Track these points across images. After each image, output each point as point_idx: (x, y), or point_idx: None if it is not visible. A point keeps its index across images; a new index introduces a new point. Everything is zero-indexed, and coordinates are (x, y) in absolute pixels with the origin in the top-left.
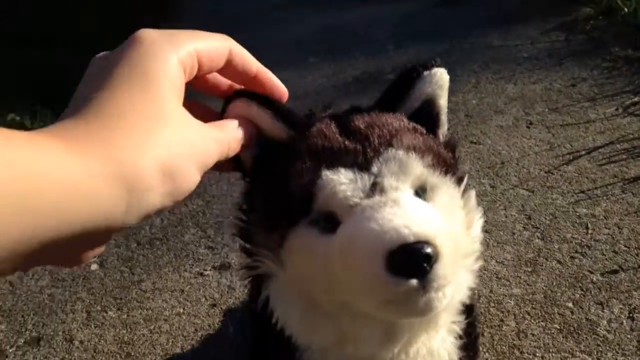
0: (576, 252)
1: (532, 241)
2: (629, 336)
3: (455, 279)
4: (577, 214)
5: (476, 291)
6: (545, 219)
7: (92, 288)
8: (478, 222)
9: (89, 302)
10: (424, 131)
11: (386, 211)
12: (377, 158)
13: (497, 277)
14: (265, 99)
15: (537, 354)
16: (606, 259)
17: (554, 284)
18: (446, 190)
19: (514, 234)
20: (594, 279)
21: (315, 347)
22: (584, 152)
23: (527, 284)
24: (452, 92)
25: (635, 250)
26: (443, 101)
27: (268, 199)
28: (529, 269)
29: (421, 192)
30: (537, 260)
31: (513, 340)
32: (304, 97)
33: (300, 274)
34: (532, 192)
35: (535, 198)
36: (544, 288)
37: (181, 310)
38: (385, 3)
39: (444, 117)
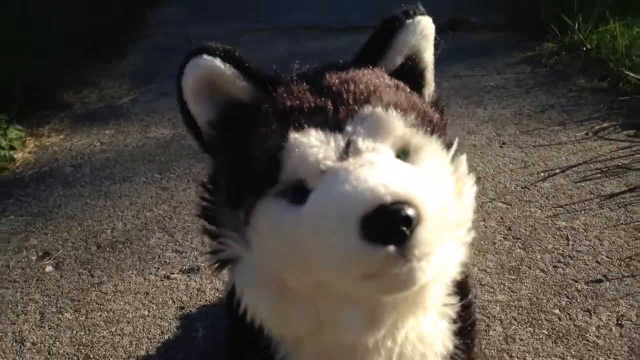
0: (559, 261)
1: (513, 251)
2: (619, 342)
3: (444, 250)
4: (557, 226)
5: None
6: (525, 230)
7: (46, 290)
8: (470, 190)
9: (43, 304)
10: (407, 89)
11: (362, 172)
12: (351, 117)
13: (480, 284)
14: (230, 55)
15: (527, 358)
16: (589, 269)
17: (539, 291)
18: (433, 153)
19: (494, 243)
20: (579, 287)
21: (290, 337)
22: (558, 171)
23: (512, 291)
24: None
25: (617, 261)
26: (429, 55)
27: (231, 171)
28: (513, 277)
29: (403, 155)
30: (520, 269)
31: (501, 344)
32: None
33: (268, 253)
34: (510, 205)
35: (514, 211)
36: (529, 295)
37: (146, 313)
38: (351, 34)
39: (430, 76)
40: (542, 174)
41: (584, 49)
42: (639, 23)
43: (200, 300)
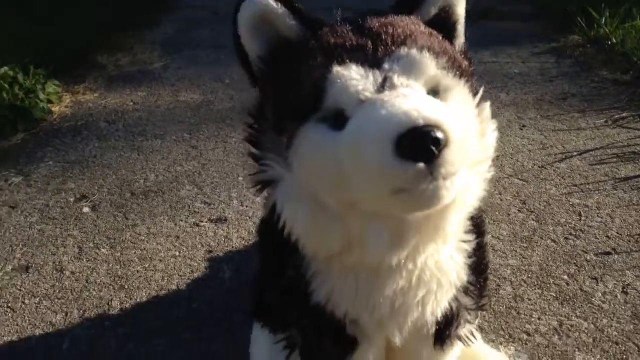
0: (570, 234)
1: (527, 222)
2: (623, 307)
3: (466, 178)
4: (571, 203)
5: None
6: (540, 205)
7: (84, 228)
8: (492, 132)
9: (81, 239)
10: (440, 37)
11: (397, 101)
12: (389, 56)
13: (493, 250)
14: None
15: (534, 316)
16: (600, 242)
17: (550, 259)
18: (460, 94)
19: (509, 215)
20: (588, 258)
21: (322, 254)
22: (576, 153)
23: (523, 257)
24: None
25: (627, 237)
26: (461, 9)
27: (279, 99)
28: (525, 245)
29: (434, 94)
30: (532, 239)
31: (510, 303)
32: None
33: (308, 173)
34: (526, 182)
35: (530, 187)
36: (540, 262)
37: (177, 254)
38: None
39: (461, 28)
40: (559, 156)
41: (609, 43)
42: None
43: (227, 247)
